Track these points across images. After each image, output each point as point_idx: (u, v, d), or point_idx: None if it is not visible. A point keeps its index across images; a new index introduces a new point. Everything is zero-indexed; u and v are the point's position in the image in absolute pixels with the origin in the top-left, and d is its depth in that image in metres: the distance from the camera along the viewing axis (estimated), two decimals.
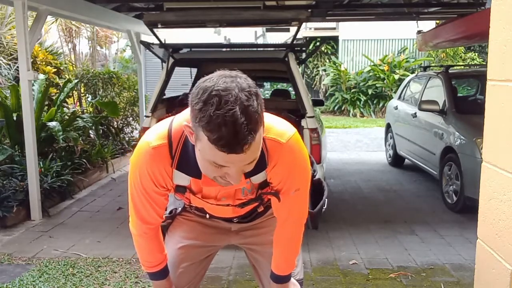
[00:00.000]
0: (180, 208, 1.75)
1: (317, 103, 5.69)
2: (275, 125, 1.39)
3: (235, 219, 1.70)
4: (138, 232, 1.57)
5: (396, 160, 7.12)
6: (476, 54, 14.41)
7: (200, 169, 1.29)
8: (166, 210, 1.73)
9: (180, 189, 1.47)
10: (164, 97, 4.52)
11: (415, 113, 6.12)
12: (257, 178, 1.44)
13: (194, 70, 5.74)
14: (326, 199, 1.79)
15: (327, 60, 15.79)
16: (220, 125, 1.08)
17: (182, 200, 1.73)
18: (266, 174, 1.43)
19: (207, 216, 1.70)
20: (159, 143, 1.36)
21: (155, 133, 1.39)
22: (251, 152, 1.16)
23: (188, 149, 1.35)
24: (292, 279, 1.68)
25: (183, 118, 1.39)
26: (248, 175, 1.38)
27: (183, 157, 1.37)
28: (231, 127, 1.08)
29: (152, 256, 1.62)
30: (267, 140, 1.35)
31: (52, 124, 5.34)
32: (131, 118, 8.18)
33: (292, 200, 1.49)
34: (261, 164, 1.35)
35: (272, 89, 7.91)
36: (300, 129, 3.81)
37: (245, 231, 1.77)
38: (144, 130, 3.97)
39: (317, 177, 1.81)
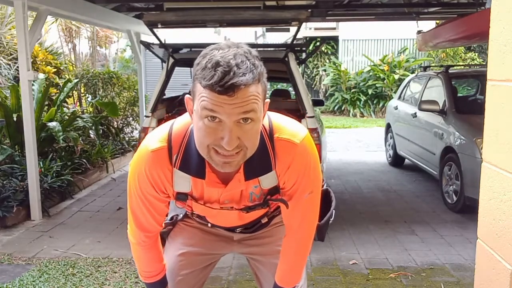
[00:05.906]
0: (181, 215, 1.69)
1: (317, 103, 5.69)
2: (287, 126, 1.37)
3: (237, 229, 1.64)
4: (136, 240, 1.52)
5: (396, 160, 7.12)
6: (476, 54, 14.40)
7: (198, 148, 1.23)
8: (167, 216, 1.68)
9: (181, 197, 1.42)
10: (164, 97, 4.52)
11: (415, 113, 6.12)
12: (267, 183, 1.39)
13: None
14: (334, 211, 1.73)
15: (327, 60, 15.78)
16: (213, 66, 1.12)
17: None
18: (277, 178, 1.38)
19: (209, 225, 1.65)
20: (158, 146, 1.33)
21: (154, 137, 1.37)
22: (244, 101, 1.12)
23: (191, 150, 1.32)
24: None
25: (183, 120, 1.38)
26: (255, 174, 1.35)
27: (185, 157, 1.33)
28: (225, 66, 1.11)
29: (150, 266, 1.57)
30: (279, 140, 1.33)
31: (52, 124, 5.35)
32: (131, 118, 8.19)
33: (306, 205, 1.44)
34: (266, 164, 1.34)
35: (272, 89, 7.91)
36: None
37: (247, 241, 1.71)
38: (144, 130, 3.96)
39: (325, 187, 1.75)
